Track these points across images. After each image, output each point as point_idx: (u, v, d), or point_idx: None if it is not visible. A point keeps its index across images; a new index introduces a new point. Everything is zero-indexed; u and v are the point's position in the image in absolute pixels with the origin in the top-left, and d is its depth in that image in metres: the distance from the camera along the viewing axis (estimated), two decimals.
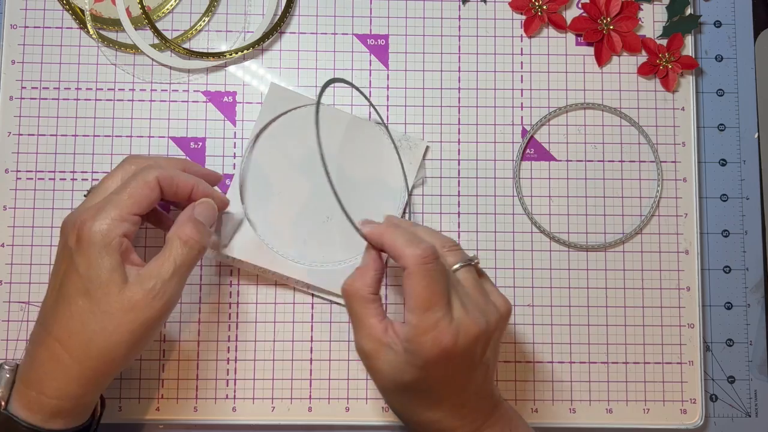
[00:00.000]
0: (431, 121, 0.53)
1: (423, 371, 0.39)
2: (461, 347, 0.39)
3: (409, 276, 0.39)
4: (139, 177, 0.42)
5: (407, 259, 0.39)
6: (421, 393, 0.41)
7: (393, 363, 0.40)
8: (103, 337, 0.40)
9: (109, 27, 0.53)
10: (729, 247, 0.54)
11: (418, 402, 0.41)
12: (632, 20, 0.54)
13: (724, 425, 0.53)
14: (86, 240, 0.40)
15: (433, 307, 0.39)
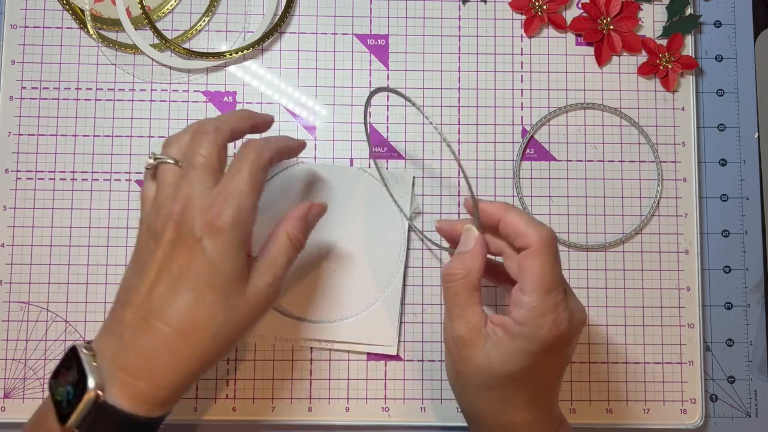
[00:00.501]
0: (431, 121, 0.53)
1: (535, 357, 0.38)
2: (571, 336, 0.39)
3: (533, 255, 0.38)
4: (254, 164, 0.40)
5: (532, 238, 0.39)
6: (520, 386, 0.39)
7: (495, 352, 0.39)
8: (226, 330, 0.39)
9: (109, 27, 0.53)
10: (729, 247, 0.54)
11: (513, 398, 0.40)
12: (632, 20, 0.54)
13: (724, 425, 0.53)
14: (222, 231, 0.38)
15: (553, 290, 0.38)
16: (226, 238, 0.38)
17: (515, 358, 0.38)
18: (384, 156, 0.53)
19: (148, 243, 0.40)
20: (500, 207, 0.41)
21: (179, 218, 0.39)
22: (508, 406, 0.40)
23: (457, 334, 0.40)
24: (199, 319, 0.38)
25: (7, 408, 0.50)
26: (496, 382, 0.39)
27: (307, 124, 0.53)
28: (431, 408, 0.51)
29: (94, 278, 0.51)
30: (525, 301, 0.38)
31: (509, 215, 0.40)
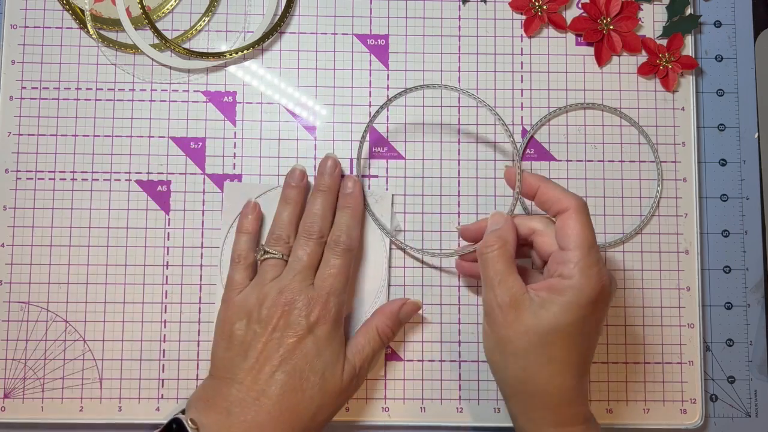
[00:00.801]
0: (431, 121, 0.53)
1: (583, 310, 0.40)
2: (610, 293, 0.42)
3: (572, 217, 0.42)
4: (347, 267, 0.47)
5: (569, 202, 0.42)
6: (569, 343, 0.41)
7: (543, 310, 0.41)
8: (321, 413, 0.44)
9: (109, 27, 0.53)
10: (729, 247, 0.54)
11: (562, 356, 0.41)
12: (632, 20, 0.54)
13: (724, 425, 0.53)
14: (327, 323, 0.45)
15: (594, 246, 0.42)
16: (329, 331, 0.45)
17: (566, 312, 0.40)
18: (384, 156, 0.53)
19: (250, 326, 0.45)
20: (539, 177, 0.45)
21: (287, 309, 0.45)
22: (558, 367, 0.41)
23: (500, 300, 0.42)
24: (302, 399, 0.44)
25: (7, 408, 0.50)
26: (547, 339, 0.41)
27: (307, 124, 0.53)
28: (431, 408, 0.51)
29: (94, 278, 0.51)
30: (570, 257, 0.41)
31: (548, 184, 0.45)
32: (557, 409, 0.42)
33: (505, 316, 0.42)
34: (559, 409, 0.42)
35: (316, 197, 0.49)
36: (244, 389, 0.44)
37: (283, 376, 0.44)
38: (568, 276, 0.41)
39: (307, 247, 0.47)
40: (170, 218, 0.52)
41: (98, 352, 0.51)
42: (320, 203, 0.49)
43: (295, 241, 0.48)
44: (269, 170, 0.52)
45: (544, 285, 0.42)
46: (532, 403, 0.43)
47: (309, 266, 0.47)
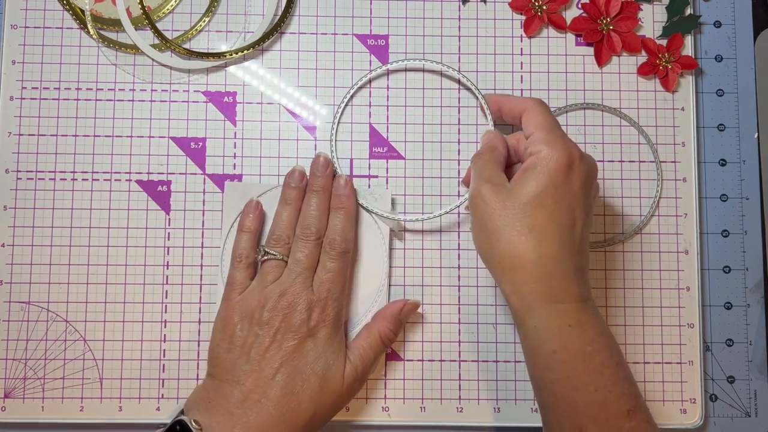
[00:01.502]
0: (431, 122, 0.53)
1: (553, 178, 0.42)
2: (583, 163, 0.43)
3: (531, 110, 0.45)
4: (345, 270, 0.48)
5: (527, 101, 0.46)
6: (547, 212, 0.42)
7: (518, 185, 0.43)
8: (322, 412, 0.45)
9: (109, 27, 0.53)
10: (729, 247, 0.54)
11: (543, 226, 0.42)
12: (632, 20, 0.54)
13: (723, 425, 0.53)
14: (327, 325, 0.46)
15: (555, 128, 0.44)
16: (329, 331, 0.46)
17: (537, 182, 0.42)
18: (384, 156, 0.53)
19: (252, 328, 0.45)
20: (499, 95, 0.50)
21: (288, 311, 0.45)
22: (539, 236, 0.42)
23: (484, 190, 0.44)
24: (303, 399, 0.44)
25: (7, 408, 0.50)
26: (524, 211, 0.42)
27: (307, 124, 0.53)
28: (431, 408, 0.51)
29: (94, 278, 0.51)
30: (535, 137, 0.44)
31: (507, 97, 0.49)
32: (546, 281, 0.42)
33: (485, 201, 0.43)
34: (546, 281, 0.42)
35: (311, 198, 0.49)
36: (246, 391, 0.44)
37: (284, 378, 0.44)
38: (536, 152, 0.43)
39: (305, 248, 0.47)
40: (170, 218, 0.52)
41: (98, 352, 0.51)
42: (315, 203, 0.49)
43: (294, 242, 0.48)
44: (269, 170, 0.52)
45: (519, 171, 0.44)
46: (520, 278, 0.42)
47: (308, 268, 0.47)
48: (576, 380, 0.41)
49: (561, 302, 0.42)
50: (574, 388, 0.41)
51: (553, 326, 0.42)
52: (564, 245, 0.42)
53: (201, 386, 0.46)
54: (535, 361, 0.43)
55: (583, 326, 0.42)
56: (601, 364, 0.42)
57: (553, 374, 0.42)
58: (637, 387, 0.43)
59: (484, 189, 0.44)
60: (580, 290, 0.43)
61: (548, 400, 0.43)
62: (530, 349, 0.43)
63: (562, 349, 0.42)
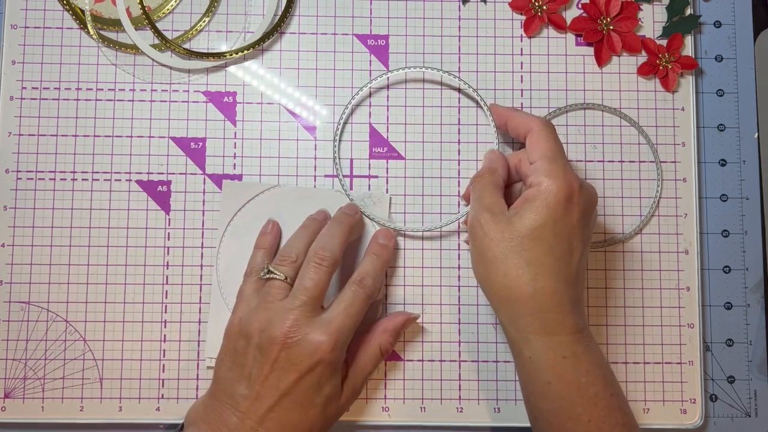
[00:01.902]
0: (431, 122, 0.53)
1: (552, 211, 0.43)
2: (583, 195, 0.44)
3: (536, 133, 0.45)
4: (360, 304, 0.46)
5: (533, 122, 0.46)
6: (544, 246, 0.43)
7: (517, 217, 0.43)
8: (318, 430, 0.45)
9: (109, 27, 0.53)
10: (729, 247, 0.54)
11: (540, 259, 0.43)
12: (632, 20, 0.54)
13: (723, 425, 0.53)
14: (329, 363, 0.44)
15: (559, 158, 0.44)
16: (332, 368, 0.44)
17: (537, 215, 0.43)
18: (384, 156, 0.53)
19: (255, 355, 0.44)
20: (507, 108, 0.50)
21: (288, 342, 0.44)
22: (536, 270, 0.43)
23: (483, 219, 0.44)
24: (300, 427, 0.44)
25: (7, 408, 0.50)
26: (523, 244, 0.43)
27: (307, 124, 0.53)
28: (431, 408, 0.51)
29: (94, 278, 0.51)
30: (537, 166, 0.44)
31: (514, 112, 0.48)
32: (541, 314, 0.43)
33: (484, 228, 0.44)
34: (543, 314, 0.43)
35: (331, 225, 0.48)
36: (243, 417, 0.44)
37: (283, 411, 0.44)
38: (537, 183, 0.43)
39: (316, 275, 0.45)
40: (170, 218, 0.52)
41: (98, 352, 0.51)
42: (334, 230, 0.48)
43: (303, 265, 0.46)
44: (269, 170, 0.52)
45: (520, 200, 0.44)
46: (517, 310, 0.43)
47: (315, 297, 0.45)
48: (570, 411, 0.42)
49: (556, 334, 0.43)
50: (568, 418, 0.42)
51: (548, 357, 0.43)
52: (560, 278, 0.43)
53: (202, 402, 0.46)
54: (531, 390, 0.44)
55: (578, 358, 0.43)
56: (596, 395, 0.42)
57: (548, 404, 0.43)
58: (632, 417, 0.44)
59: (483, 218, 0.44)
60: (575, 322, 0.43)
61: (543, 428, 0.44)
62: (526, 379, 0.44)
63: (557, 380, 0.42)
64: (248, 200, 0.51)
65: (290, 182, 0.52)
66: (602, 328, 0.52)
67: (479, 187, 0.46)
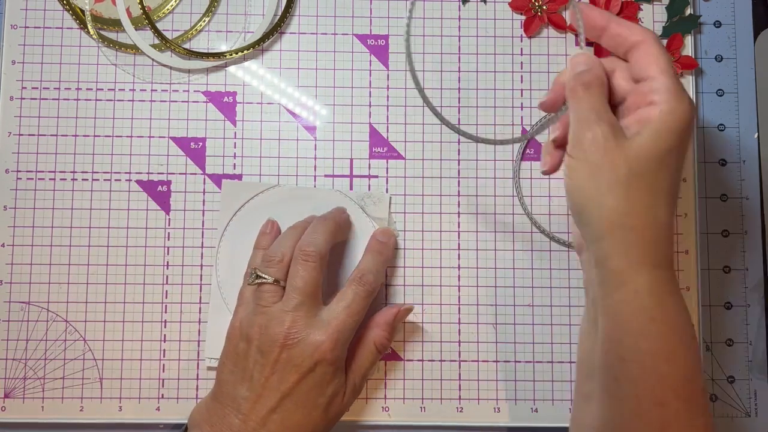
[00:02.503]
0: (431, 121, 0.53)
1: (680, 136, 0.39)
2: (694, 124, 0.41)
3: (653, 45, 0.40)
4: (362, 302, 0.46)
5: (644, 33, 0.41)
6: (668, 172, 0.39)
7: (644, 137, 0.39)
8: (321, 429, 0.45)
9: (109, 27, 0.53)
10: (729, 247, 0.54)
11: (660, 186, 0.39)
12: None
13: (724, 425, 0.53)
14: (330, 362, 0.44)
15: (676, 74, 0.40)
16: (333, 368, 0.44)
17: (666, 138, 0.38)
18: (384, 156, 0.53)
19: (256, 357, 0.44)
20: (606, 14, 0.43)
21: (289, 343, 0.44)
22: (656, 198, 0.39)
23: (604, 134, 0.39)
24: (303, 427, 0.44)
25: (7, 408, 0.50)
26: (649, 167, 0.38)
27: (307, 124, 0.53)
28: (431, 408, 0.51)
29: (94, 278, 0.51)
30: (659, 83, 0.39)
31: (617, 19, 0.42)
32: (656, 245, 0.39)
33: (606, 144, 0.39)
34: (657, 245, 0.39)
35: (315, 222, 0.48)
36: (245, 419, 0.44)
37: (285, 413, 0.44)
38: (660, 102, 0.39)
39: (305, 272, 0.45)
40: (170, 218, 0.52)
41: (98, 352, 0.51)
42: (319, 226, 0.47)
43: (291, 264, 0.46)
44: (269, 170, 0.52)
45: (633, 118, 0.40)
46: (632, 239, 0.39)
47: (309, 294, 0.45)
48: (668, 352, 0.38)
49: (665, 269, 0.39)
50: (666, 359, 0.38)
51: (655, 292, 0.39)
52: (672, 210, 0.40)
53: (205, 404, 0.46)
54: (629, 329, 0.39)
55: (679, 296, 0.40)
56: (692, 336, 0.39)
57: (648, 343, 0.38)
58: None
59: (603, 132, 0.39)
60: (673, 258, 0.40)
61: (632, 372, 0.39)
62: (625, 316, 0.39)
63: (662, 317, 0.39)
64: (248, 200, 0.51)
65: (290, 182, 0.52)
66: None
67: (593, 98, 0.40)
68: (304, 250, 0.45)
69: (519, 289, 0.52)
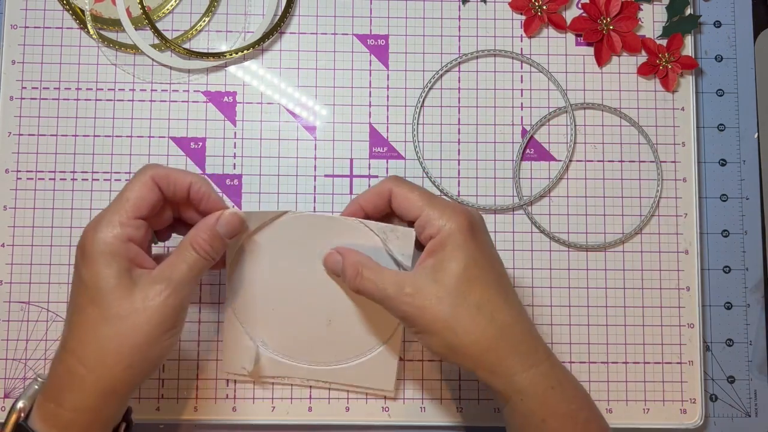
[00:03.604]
0: (431, 121, 0.53)
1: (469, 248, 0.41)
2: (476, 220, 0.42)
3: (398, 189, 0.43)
4: (134, 179, 0.42)
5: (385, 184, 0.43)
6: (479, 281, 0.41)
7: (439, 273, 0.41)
8: (116, 341, 0.39)
9: (109, 27, 0.53)
10: (729, 247, 0.54)
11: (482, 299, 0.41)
12: (632, 20, 0.54)
13: (724, 425, 0.53)
14: (89, 250, 0.40)
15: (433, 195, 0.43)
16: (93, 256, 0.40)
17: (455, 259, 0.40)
18: (384, 156, 0.53)
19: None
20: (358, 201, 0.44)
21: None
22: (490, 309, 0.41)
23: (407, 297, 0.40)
24: (84, 335, 0.40)
25: (7, 408, 0.50)
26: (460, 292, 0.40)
27: (307, 124, 0.53)
28: (431, 408, 0.51)
29: None
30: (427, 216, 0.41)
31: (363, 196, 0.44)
32: (516, 349, 0.41)
33: (416, 303, 0.40)
34: (517, 348, 0.41)
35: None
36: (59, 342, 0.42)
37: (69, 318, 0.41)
38: (435, 231, 0.41)
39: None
40: None
41: None
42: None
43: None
44: (269, 170, 0.52)
45: (425, 255, 0.42)
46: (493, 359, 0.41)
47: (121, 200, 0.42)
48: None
49: (537, 365, 0.41)
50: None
51: (537, 392, 0.41)
52: (511, 306, 0.42)
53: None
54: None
55: (563, 385, 0.42)
56: (586, 420, 0.42)
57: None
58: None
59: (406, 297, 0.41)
60: (544, 346, 0.42)
61: None
62: (519, 424, 0.42)
63: (551, 416, 0.41)
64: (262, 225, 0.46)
65: (289, 183, 0.52)
66: (602, 328, 0.52)
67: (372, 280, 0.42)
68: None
69: (519, 289, 0.52)
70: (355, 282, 0.42)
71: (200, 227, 0.42)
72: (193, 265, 0.41)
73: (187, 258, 0.41)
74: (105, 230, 0.40)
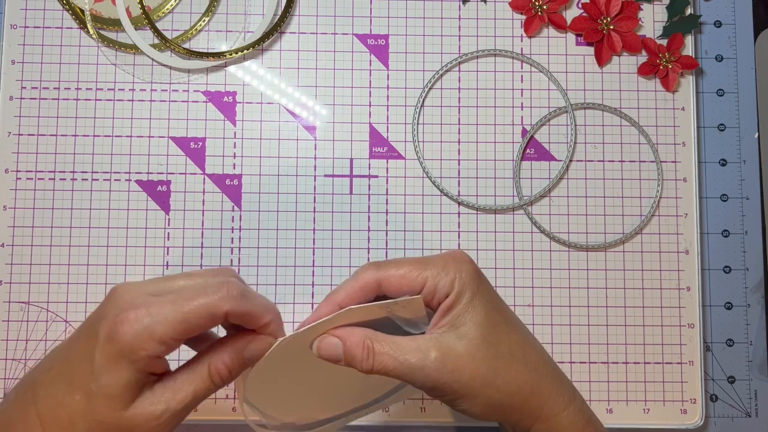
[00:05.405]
0: (431, 121, 0.53)
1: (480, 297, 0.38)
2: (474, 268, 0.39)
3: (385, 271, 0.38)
4: (205, 303, 0.35)
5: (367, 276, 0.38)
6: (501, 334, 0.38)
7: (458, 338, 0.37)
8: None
9: (109, 27, 0.53)
10: (729, 247, 0.54)
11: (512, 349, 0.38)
12: (632, 20, 0.54)
13: (724, 425, 0.53)
14: (115, 343, 0.34)
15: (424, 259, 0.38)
16: (115, 352, 0.34)
17: (472, 311, 0.37)
18: (384, 156, 0.53)
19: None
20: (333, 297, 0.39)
21: (107, 298, 0.36)
22: (521, 352, 0.38)
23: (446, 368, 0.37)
24: (60, 416, 0.35)
25: None
26: (489, 343, 0.37)
27: (307, 124, 0.53)
28: (431, 408, 0.51)
29: (94, 278, 0.51)
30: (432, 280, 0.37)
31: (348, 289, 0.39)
32: (556, 384, 0.39)
33: (446, 369, 0.37)
34: (557, 384, 0.39)
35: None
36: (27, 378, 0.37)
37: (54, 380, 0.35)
38: (446, 292, 0.37)
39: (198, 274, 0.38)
40: (170, 218, 0.52)
41: None
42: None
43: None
44: (269, 170, 0.52)
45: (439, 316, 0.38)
46: (534, 404, 0.38)
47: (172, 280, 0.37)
48: None
49: (572, 401, 0.40)
50: None
51: (578, 428, 0.39)
52: (532, 341, 0.40)
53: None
54: None
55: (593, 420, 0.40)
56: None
57: None
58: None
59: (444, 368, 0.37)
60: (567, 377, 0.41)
61: None
62: None
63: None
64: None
65: (289, 181, 0.52)
66: (602, 328, 0.52)
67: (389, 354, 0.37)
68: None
69: (519, 289, 0.52)
70: (368, 362, 0.37)
71: (227, 350, 0.37)
72: (201, 394, 0.36)
73: (196, 383, 0.36)
74: (141, 337, 0.34)
